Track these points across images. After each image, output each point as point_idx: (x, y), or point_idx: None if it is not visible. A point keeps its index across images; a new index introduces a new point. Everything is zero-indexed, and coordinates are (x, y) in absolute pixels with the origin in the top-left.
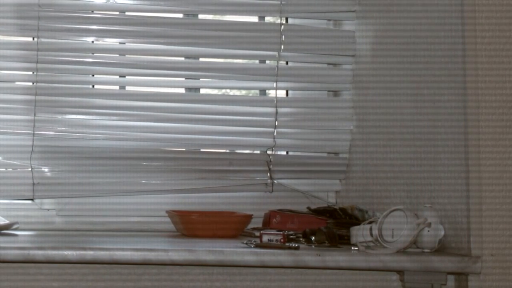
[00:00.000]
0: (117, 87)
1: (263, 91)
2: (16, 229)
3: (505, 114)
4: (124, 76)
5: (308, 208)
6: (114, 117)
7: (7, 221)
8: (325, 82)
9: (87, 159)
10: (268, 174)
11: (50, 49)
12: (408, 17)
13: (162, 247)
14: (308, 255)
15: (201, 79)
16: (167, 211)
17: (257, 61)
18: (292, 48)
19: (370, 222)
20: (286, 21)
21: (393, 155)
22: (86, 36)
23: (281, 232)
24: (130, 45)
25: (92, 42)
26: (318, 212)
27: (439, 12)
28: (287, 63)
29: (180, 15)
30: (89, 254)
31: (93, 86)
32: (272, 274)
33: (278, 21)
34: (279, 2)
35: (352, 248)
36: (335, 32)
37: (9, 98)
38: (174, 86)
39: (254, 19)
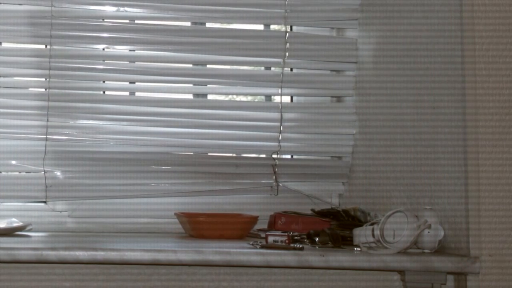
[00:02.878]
0: (127, 93)
1: (268, 97)
2: (29, 231)
3: (503, 118)
4: (134, 83)
5: (312, 210)
6: (124, 122)
7: (21, 223)
8: (329, 88)
9: (98, 163)
10: (274, 177)
11: (62, 56)
12: (408, 25)
13: (170, 248)
14: (312, 256)
15: (208, 85)
16: (175, 213)
17: (262, 68)
18: (296, 55)
19: (372, 224)
20: (291, 29)
21: (395, 158)
22: (97, 43)
23: (286, 233)
24: (140, 52)
25: (103, 49)
26: (322, 214)
27: (439, 20)
28: (291, 69)
29: (188, 23)
30: (100, 254)
31: (104, 92)
32: (277, 274)
33: (283, 29)
34: (283, 10)
35: (355, 248)
36: (338, 40)
37: (22, 104)
38: (182, 92)
39: (260, 27)
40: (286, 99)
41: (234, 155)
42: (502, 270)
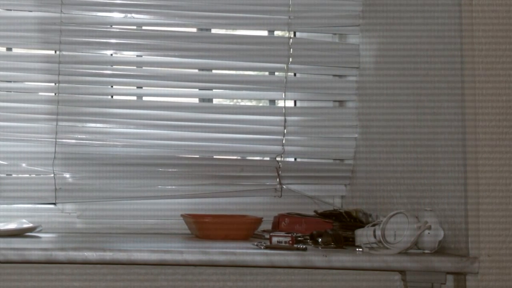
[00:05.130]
0: (134, 98)
1: (272, 101)
2: (39, 232)
3: (501, 122)
4: (141, 87)
5: (315, 211)
6: (132, 126)
7: (31, 224)
8: (331, 93)
9: (106, 165)
10: (277, 179)
11: (71, 61)
12: (409, 31)
13: (177, 249)
14: (315, 256)
15: (213, 90)
16: (182, 215)
17: (266, 73)
18: (299, 60)
19: (374, 225)
20: (294, 35)
21: (395, 161)
22: (105, 49)
23: (290, 234)
24: (147, 57)
25: (111, 55)
26: (325, 215)
27: (439, 26)
28: (295, 74)
29: (194, 29)
30: (108, 255)
31: (112, 97)
32: (281, 274)
33: (287, 35)
34: (287, 17)
35: (357, 249)
36: (340, 46)
37: (32, 108)
38: (189, 96)
39: (264, 33)
40: (290, 103)
41: (239, 158)
42: (500, 270)
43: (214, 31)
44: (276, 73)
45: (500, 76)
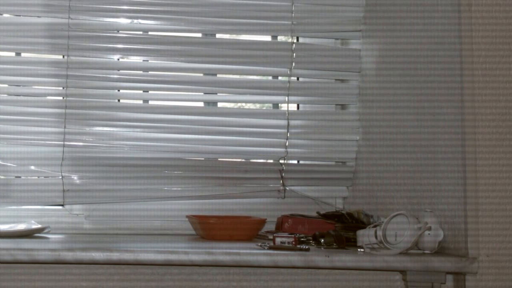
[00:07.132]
0: (141, 101)
1: (276, 105)
2: (47, 233)
3: (500, 123)
4: (148, 91)
5: (318, 213)
6: (138, 129)
7: (39, 225)
8: (333, 96)
9: (113, 167)
10: (281, 181)
11: (79, 66)
12: (409, 37)
13: (182, 249)
14: (318, 256)
15: (218, 94)
16: (187, 216)
17: (270, 77)
18: (302, 65)
19: (375, 226)
20: (297, 40)
21: (396, 163)
22: (112, 54)
23: (293, 235)
24: (153, 62)
25: (118, 59)
26: (327, 216)
27: (438, 31)
28: (298, 78)
29: (199, 35)
30: (115, 255)
31: (118, 100)
32: (284, 274)
33: (290, 40)
34: (290, 22)
35: (358, 250)
36: (342, 50)
37: (41, 112)
38: (194, 100)
39: (268, 38)
40: (293, 106)
41: (243, 160)
42: (499, 270)
43: (218, 36)
44: (280, 78)
45: (499, 77)
